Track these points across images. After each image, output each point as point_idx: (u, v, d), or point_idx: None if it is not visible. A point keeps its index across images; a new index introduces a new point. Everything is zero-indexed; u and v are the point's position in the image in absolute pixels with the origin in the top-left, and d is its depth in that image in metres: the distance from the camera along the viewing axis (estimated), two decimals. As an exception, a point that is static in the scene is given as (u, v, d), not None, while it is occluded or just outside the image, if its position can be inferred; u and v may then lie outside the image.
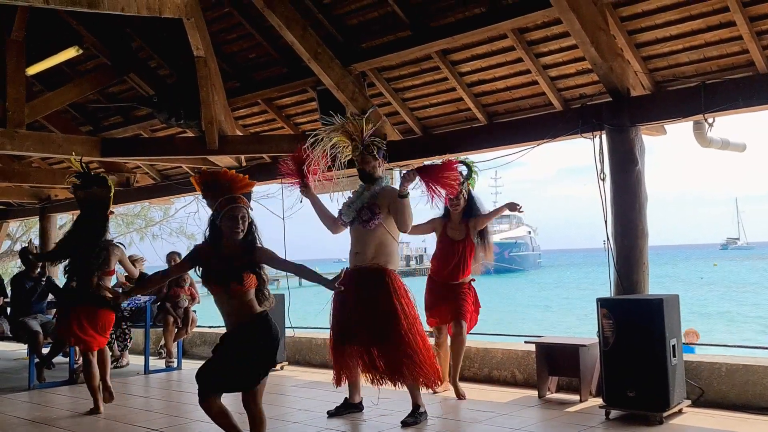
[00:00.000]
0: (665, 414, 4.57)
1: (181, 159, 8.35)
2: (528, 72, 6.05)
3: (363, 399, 5.26)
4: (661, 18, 5.21)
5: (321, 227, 5.37)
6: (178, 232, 20.82)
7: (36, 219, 12.66)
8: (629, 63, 5.46)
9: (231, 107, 7.69)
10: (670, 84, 5.54)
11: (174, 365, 7.84)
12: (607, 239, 5.53)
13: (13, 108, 7.03)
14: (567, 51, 5.76)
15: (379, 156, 5.09)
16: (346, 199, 5.20)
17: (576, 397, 5.36)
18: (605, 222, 5.56)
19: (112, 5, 5.72)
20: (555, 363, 5.54)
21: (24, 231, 20.29)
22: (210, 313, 5.66)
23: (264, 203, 8.96)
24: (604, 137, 5.62)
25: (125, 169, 9.77)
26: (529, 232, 75.40)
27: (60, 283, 7.21)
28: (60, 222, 15.06)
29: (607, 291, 5.56)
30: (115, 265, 5.93)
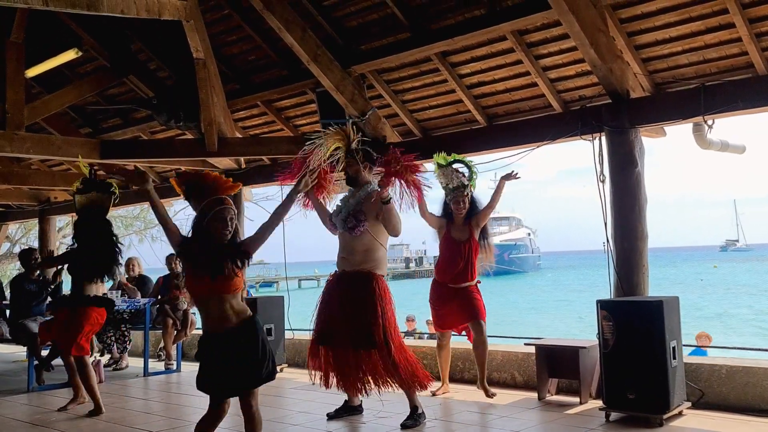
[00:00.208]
0: (665, 416, 4.56)
1: (181, 161, 8.35)
2: (527, 74, 6.05)
3: (362, 401, 5.26)
4: (661, 20, 5.21)
5: (320, 229, 5.38)
6: (177, 234, 20.80)
7: (35, 221, 12.64)
8: (629, 65, 5.46)
9: (230, 109, 7.69)
10: (669, 86, 5.54)
11: (173, 367, 7.83)
12: (607, 241, 5.52)
13: (13, 110, 7.04)
14: (566, 53, 5.76)
15: (367, 160, 5.07)
16: (337, 204, 5.21)
17: (576, 399, 5.36)
18: (605, 224, 5.56)
19: (111, 7, 5.72)
20: (555, 365, 5.54)
21: (23, 233, 20.30)
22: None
23: (263, 205, 8.96)
24: (603, 139, 5.61)
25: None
26: (529, 234, 75.44)
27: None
28: (59, 224, 15.07)
29: (607, 293, 5.56)
30: None
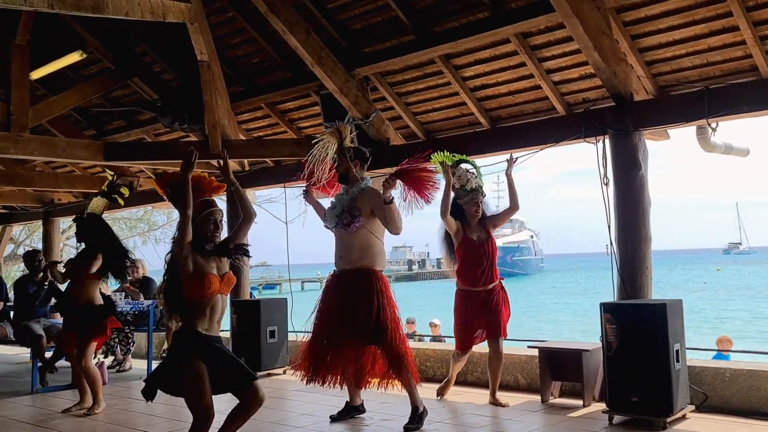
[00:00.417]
0: (669, 419, 4.55)
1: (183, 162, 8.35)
2: (531, 76, 6.05)
3: (364, 401, 5.27)
4: (665, 23, 5.21)
5: (323, 231, 5.40)
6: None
7: (39, 223, 12.68)
8: (632, 67, 5.45)
9: (234, 111, 7.71)
10: (673, 88, 5.53)
11: (176, 369, 7.82)
12: (611, 244, 5.52)
13: (17, 112, 7.05)
14: (570, 55, 5.76)
15: (358, 158, 5.11)
16: (332, 201, 5.24)
17: (579, 402, 5.35)
18: (608, 227, 5.55)
19: (116, 9, 5.73)
20: (558, 368, 5.53)
21: (27, 235, 20.33)
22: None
23: (266, 207, 8.98)
24: (607, 142, 5.61)
25: (128, 173, 9.79)
26: (532, 236, 75.43)
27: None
28: (63, 226, 15.10)
29: (610, 296, 5.55)
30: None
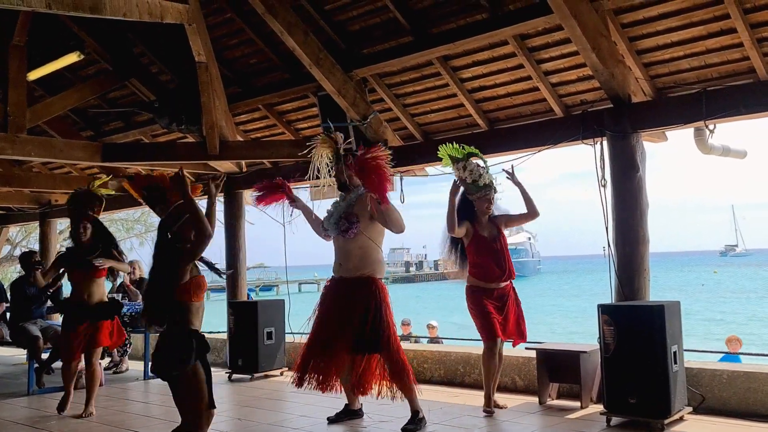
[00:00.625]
0: (666, 421, 4.56)
1: (182, 164, 8.34)
2: (529, 78, 6.05)
3: (362, 405, 5.26)
4: (663, 25, 5.21)
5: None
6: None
7: (36, 224, 12.64)
8: (630, 69, 5.46)
9: (232, 113, 7.70)
10: (671, 90, 5.54)
11: (173, 371, 7.81)
12: (608, 245, 5.52)
13: (15, 112, 7.03)
14: (568, 57, 5.76)
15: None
16: (328, 209, 5.24)
17: (577, 404, 5.35)
18: (606, 228, 5.56)
19: (114, 10, 5.72)
20: (556, 369, 5.53)
21: (24, 236, 20.27)
22: (208, 318, 5.65)
23: (264, 209, 8.94)
24: (605, 143, 5.61)
25: (126, 175, 9.76)
26: (529, 238, 75.43)
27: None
28: (60, 227, 15.05)
29: (608, 298, 5.55)
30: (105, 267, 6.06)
